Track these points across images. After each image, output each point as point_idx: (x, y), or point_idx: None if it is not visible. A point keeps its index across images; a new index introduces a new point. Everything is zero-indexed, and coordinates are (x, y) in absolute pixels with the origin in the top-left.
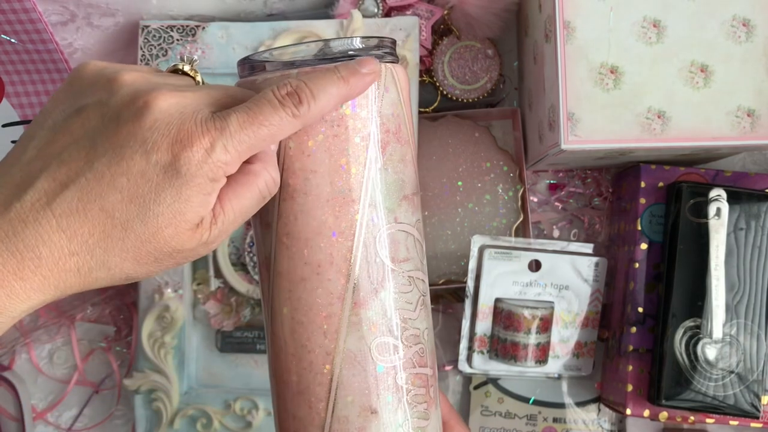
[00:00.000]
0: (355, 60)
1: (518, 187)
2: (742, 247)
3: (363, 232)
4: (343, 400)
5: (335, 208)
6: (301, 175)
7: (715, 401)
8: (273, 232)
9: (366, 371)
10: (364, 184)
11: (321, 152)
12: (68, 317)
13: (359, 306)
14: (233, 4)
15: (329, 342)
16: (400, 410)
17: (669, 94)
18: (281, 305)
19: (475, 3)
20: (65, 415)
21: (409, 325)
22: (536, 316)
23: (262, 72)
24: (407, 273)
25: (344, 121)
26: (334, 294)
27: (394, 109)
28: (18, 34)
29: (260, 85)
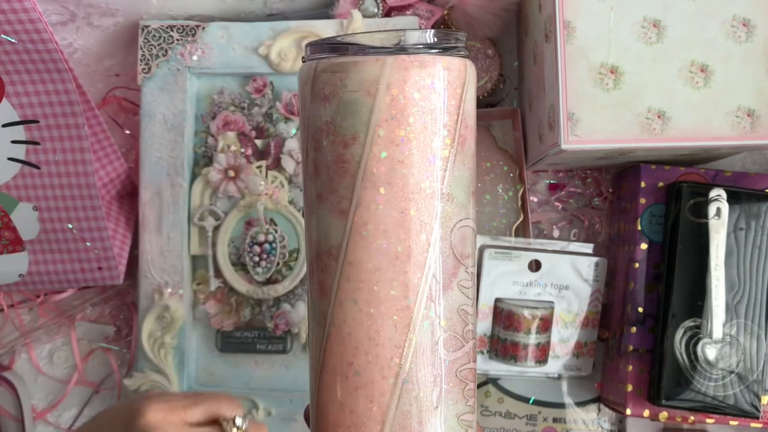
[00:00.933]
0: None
1: (518, 187)
2: (742, 247)
3: (439, 225)
4: (408, 395)
5: (417, 201)
6: (387, 164)
7: (715, 401)
8: (348, 221)
9: (433, 366)
10: (445, 177)
11: (410, 142)
12: (68, 317)
13: (432, 300)
14: (233, 4)
15: (399, 335)
16: (459, 404)
17: (669, 94)
18: (350, 296)
19: (475, 3)
20: (65, 415)
21: (469, 320)
22: (536, 316)
23: (353, 55)
24: (470, 269)
25: (434, 113)
26: (409, 287)
27: (472, 105)
28: (18, 34)
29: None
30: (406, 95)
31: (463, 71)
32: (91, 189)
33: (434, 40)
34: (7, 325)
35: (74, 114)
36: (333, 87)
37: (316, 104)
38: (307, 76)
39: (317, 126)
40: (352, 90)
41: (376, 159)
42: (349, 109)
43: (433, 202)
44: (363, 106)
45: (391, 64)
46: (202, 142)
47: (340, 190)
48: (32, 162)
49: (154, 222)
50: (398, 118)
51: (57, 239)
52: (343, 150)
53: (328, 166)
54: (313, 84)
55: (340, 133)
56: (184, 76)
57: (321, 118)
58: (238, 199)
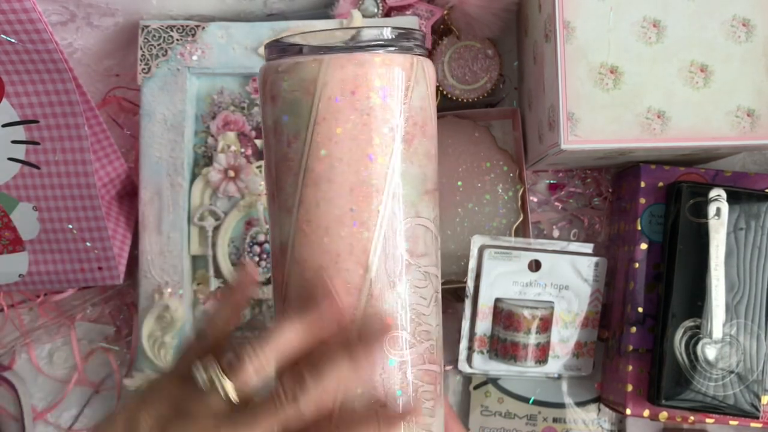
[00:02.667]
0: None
1: (518, 187)
2: (742, 247)
3: (384, 224)
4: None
5: (359, 198)
6: (327, 162)
7: (715, 401)
8: (293, 218)
9: (377, 364)
10: (389, 175)
11: (349, 140)
12: (68, 317)
13: (375, 298)
14: (233, 4)
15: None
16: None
17: (669, 94)
18: (296, 293)
19: (475, 3)
20: (65, 415)
21: (422, 320)
22: (536, 316)
23: (295, 56)
24: (423, 268)
25: (374, 111)
26: (352, 284)
27: (422, 102)
28: (18, 34)
29: (287, 69)
30: (342, 93)
31: (408, 68)
32: (91, 189)
33: (390, 37)
34: (7, 325)
35: (74, 114)
36: (278, 87)
37: (266, 105)
38: (261, 77)
39: (267, 126)
40: (293, 89)
41: (316, 157)
42: (291, 109)
43: (375, 199)
44: (303, 105)
45: (328, 63)
46: (202, 142)
47: (286, 188)
48: (32, 162)
49: (154, 222)
50: (336, 116)
51: (57, 239)
52: (287, 148)
53: (276, 164)
54: (265, 84)
55: (284, 132)
56: (184, 76)
57: (271, 118)
58: (238, 199)
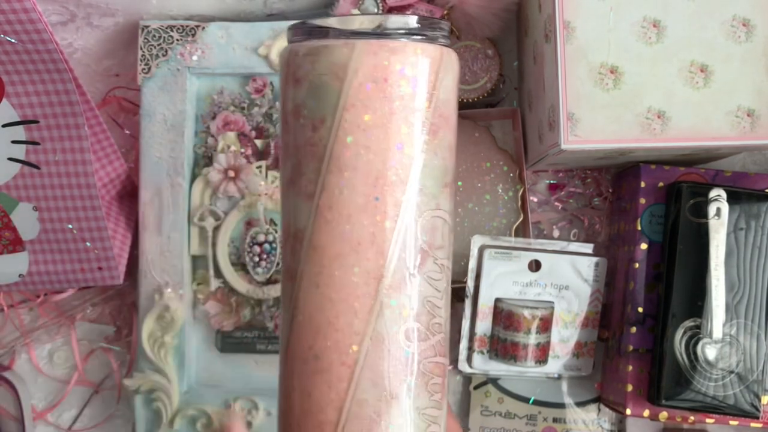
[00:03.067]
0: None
1: (518, 187)
2: (742, 247)
3: (407, 214)
4: (366, 383)
5: (383, 187)
6: (354, 149)
7: (715, 401)
8: (313, 205)
9: (392, 355)
10: (414, 166)
11: (376, 128)
12: (68, 317)
13: (394, 289)
14: (233, 4)
15: (359, 322)
16: (420, 397)
17: (669, 94)
18: (312, 280)
19: (475, 3)
20: (65, 415)
21: (436, 313)
22: (536, 316)
23: (324, 38)
24: (440, 261)
25: (403, 100)
26: (371, 274)
27: (448, 94)
28: (18, 34)
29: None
30: (374, 80)
31: (437, 59)
32: (91, 189)
33: (416, 26)
34: (7, 325)
35: (74, 114)
36: (304, 70)
37: (289, 87)
38: (284, 58)
39: (289, 109)
40: (321, 73)
41: (342, 143)
42: (317, 93)
43: (399, 189)
44: (331, 90)
45: (360, 48)
46: (202, 142)
47: (307, 174)
48: (32, 162)
49: (154, 222)
50: (365, 103)
51: (57, 239)
52: (312, 133)
53: (298, 149)
54: (288, 67)
55: (309, 116)
56: (184, 76)
57: (292, 101)
58: (238, 199)
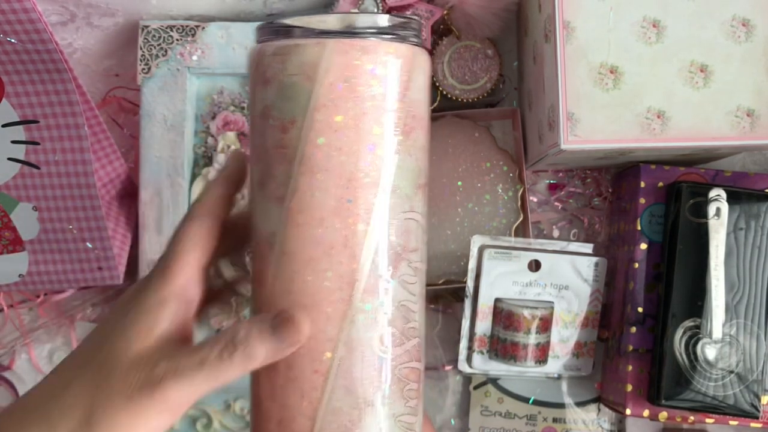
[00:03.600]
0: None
1: (518, 187)
2: (742, 247)
3: (380, 217)
4: (340, 390)
5: (356, 189)
6: (325, 151)
7: (715, 401)
8: (284, 208)
9: (366, 361)
10: (387, 167)
11: (348, 129)
12: (68, 317)
13: (368, 293)
14: (233, 4)
15: (332, 328)
16: (396, 404)
17: (669, 94)
18: (284, 286)
19: (475, 3)
20: None
21: (411, 317)
22: (536, 316)
23: (293, 38)
24: (414, 264)
25: (375, 100)
26: (344, 279)
27: (420, 94)
28: (18, 34)
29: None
30: (345, 80)
31: (409, 58)
32: (91, 189)
33: (386, 25)
34: (7, 325)
35: (74, 114)
36: (274, 70)
37: (258, 88)
38: (252, 59)
39: (259, 110)
40: (291, 73)
41: (313, 145)
42: (288, 93)
43: (372, 191)
44: (302, 91)
45: (332, 48)
46: (202, 142)
47: (278, 176)
48: (32, 162)
49: (154, 222)
50: (337, 103)
51: (57, 239)
52: (282, 135)
53: (268, 151)
54: (257, 67)
55: (279, 117)
56: (184, 76)
57: (261, 102)
58: (238, 199)
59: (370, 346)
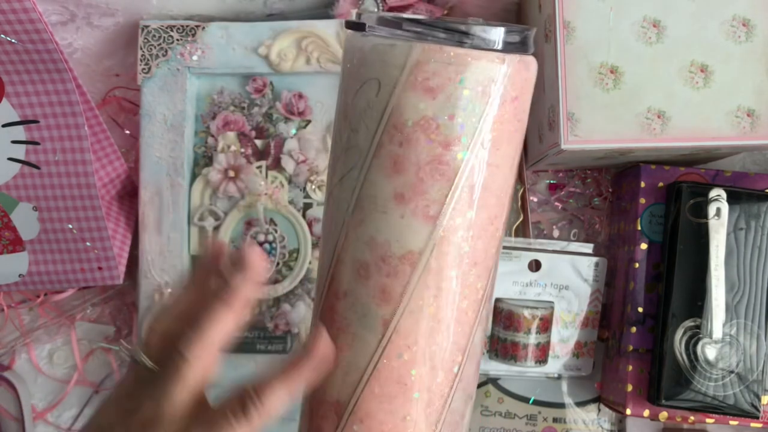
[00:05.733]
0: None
1: (518, 187)
2: (742, 247)
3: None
4: (459, 393)
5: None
6: (487, 170)
7: (715, 401)
8: (438, 226)
9: (477, 361)
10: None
11: (508, 146)
12: (68, 317)
13: (484, 306)
14: (233, 4)
15: (464, 339)
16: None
17: (669, 94)
18: (424, 303)
19: (475, 3)
20: (65, 415)
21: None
22: (536, 316)
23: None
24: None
25: (526, 114)
26: (476, 296)
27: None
28: (18, 34)
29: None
30: (515, 97)
31: (535, 72)
32: (91, 189)
33: (523, 41)
34: (7, 325)
35: (74, 114)
36: (443, 79)
37: (412, 94)
38: (402, 58)
39: (412, 119)
40: (468, 87)
41: (478, 163)
42: (460, 107)
43: (507, 205)
44: (477, 106)
45: (510, 63)
46: (202, 142)
47: (431, 193)
48: (32, 162)
49: (154, 222)
50: (505, 120)
51: (57, 239)
52: (443, 150)
53: (420, 165)
54: (414, 70)
55: (443, 132)
56: (184, 76)
57: (419, 112)
58: (238, 199)
59: (479, 347)
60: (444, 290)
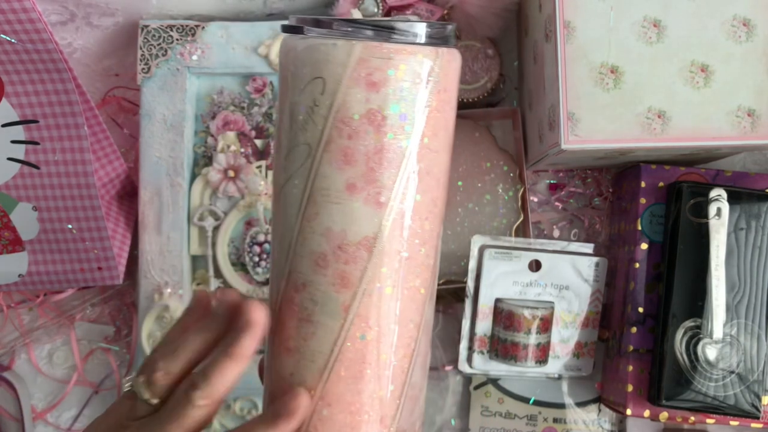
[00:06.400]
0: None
1: (518, 187)
2: (743, 247)
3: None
4: (418, 368)
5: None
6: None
7: (716, 401)
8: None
9: (429, 336)
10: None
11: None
12: (68, 317)
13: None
14: (233, 4)
15: (419, 316)
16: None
17: (669, 93)
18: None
19: (475, 3)
20: (65, 415)
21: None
22: (536, 316)
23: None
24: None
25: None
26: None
27: None
28: (18, 34)
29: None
30: (446, 86)
31: (460, 63)
32: (90, 189)
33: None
34: (7, 325)
35: (74, 114)
36: (384, 74)
37: (356, 90)
38: (345, 56)
39: (358, 112)
40: (407, 79)
41: (422, 149)
42: (401, 98)
43: (446, 187)
44: (416, 96)
45: (444, 55)
46: (202, 142)
47: (381, 181)
48: (32, 162)
49: (154, 222)
50: (440, 107)
51: (57, 239)
52: (390, 140)
53: (369, 155)
54: (357, 67)
55: (387, 122)
56: (184, 75)
57: (364, 105)
58: (238, 199)
59: (431, 325)
60: (398, 270)
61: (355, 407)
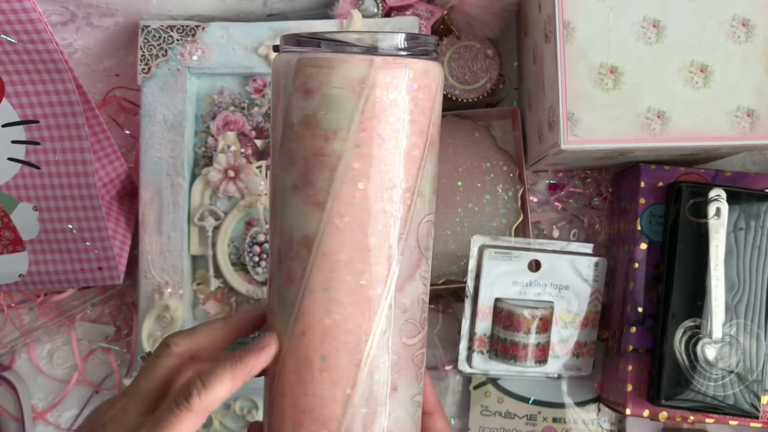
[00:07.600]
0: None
1: (518, 187)
2: (742, 247)
3: (411, 220)
4: (371, 378)
5: (393, 196)
6: (368, 161)
7: (715, 401)
8: (324, 213)
9: (393, 351)
10: (418, 175)
11: (389, 141)
12: (68, 317)
13: (398, 290)
14: (233, 4)
15: (367, 323)
16: (413, 386)
17: (669, 94)
18: (321, 285)
19: (475, 3)
20: (65, 415)
21: (425, 308)
22: (536, 316)
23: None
24: (429, 261)
25: (413, 114)
26: (379, 277)
27: (440, 107)
28: (18, 34)
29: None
30: (389, 96)
31: (438, 75)
32: (91, 189)
33: (405, 45)
34: (7, 325)
35: (74, 114)
36: (317, 82)
37: (296, 97)
38: (287, 67)
39: (297, 118)
40: (337, 86)
41: (356, 155)
42: (332, 105)
43: (407, 197)
44: (347, 103)
45: (379, 64)
46: (202, 142)
47: (318, 183)
48: (32, 162)
49: (154, 222)
50: (380, 117)
51: (57, 239)
52: (324, 144)
53: (306, 158)
54: (296, 77)
55: (321, 127)
56: (184, 76)
57: (301, 111)
58: (238, 199)
59: (397, 337)
60: (337, 271)
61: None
